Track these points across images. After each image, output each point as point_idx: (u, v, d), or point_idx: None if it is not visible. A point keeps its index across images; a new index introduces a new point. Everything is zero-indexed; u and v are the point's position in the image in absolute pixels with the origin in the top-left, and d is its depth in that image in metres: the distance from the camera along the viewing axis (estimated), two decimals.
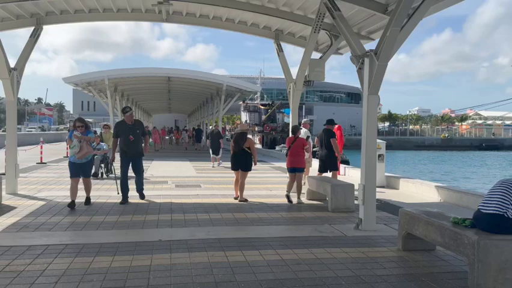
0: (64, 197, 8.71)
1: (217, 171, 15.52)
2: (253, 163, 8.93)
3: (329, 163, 9.98)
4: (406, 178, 11.61)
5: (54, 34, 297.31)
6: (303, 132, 11.46)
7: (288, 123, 48.91)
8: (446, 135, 78.60)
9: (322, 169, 10.14)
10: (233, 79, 26.79)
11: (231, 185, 11.30)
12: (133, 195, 8.91)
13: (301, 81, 10.15)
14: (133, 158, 8.65)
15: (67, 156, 20.20)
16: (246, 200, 8.87)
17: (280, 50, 11.56)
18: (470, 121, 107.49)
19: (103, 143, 13.06)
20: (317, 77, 10.09)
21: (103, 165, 12.85)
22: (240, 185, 8.90)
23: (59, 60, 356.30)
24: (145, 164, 18.42)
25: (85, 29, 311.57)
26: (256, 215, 7.62)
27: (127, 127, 8.54)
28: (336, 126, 14.77)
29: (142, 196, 8.98)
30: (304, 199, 9.30)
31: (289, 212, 8.02)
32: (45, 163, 16.90)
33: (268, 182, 12.21)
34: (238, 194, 9.00)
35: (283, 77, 11.25)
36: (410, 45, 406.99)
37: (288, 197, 8.95)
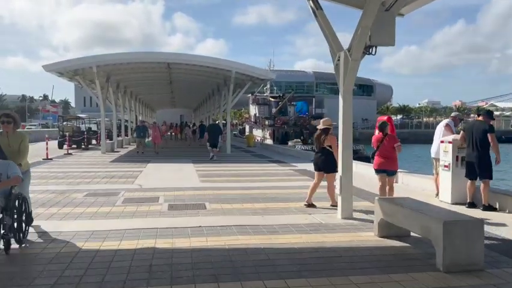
0: None
1: (226, 177, 11.93)
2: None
3: (482, 167, 7.52)
4: (504, 192, 7.97)
5: (65, 31, 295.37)
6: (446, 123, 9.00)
7: (301, 117, 45.88)
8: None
9: (470, 175, 7.74)
10: (243, 65, 22.87)
11: (248, 204, 7.83)
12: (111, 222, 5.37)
13: (360, 48, 6.46)
14: None
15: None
16: (336, 205, 7.20)
17: (317, 7, 7.79)
18: None
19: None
20: (386, 41, 6.47)
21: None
22: (328, 189, 7.80)
23: (69, 57, 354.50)
24: (138, 168, 14.49)
25: (95, 25, 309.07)
26: (308, 284, 4.04)
27: None
28: (386, 117, 11.32)
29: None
30: (374, 235, 5.79)
31: (360, 273, 4.36)
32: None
33: (299, 197, 8.38)
34: (311, 200, 7.80)
35: (292, 69, 8.20)
36: (421, 37, 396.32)
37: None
